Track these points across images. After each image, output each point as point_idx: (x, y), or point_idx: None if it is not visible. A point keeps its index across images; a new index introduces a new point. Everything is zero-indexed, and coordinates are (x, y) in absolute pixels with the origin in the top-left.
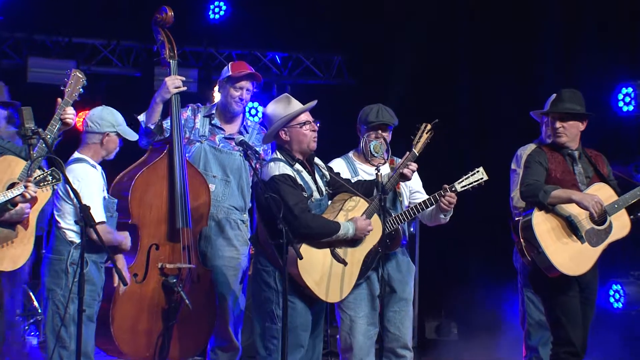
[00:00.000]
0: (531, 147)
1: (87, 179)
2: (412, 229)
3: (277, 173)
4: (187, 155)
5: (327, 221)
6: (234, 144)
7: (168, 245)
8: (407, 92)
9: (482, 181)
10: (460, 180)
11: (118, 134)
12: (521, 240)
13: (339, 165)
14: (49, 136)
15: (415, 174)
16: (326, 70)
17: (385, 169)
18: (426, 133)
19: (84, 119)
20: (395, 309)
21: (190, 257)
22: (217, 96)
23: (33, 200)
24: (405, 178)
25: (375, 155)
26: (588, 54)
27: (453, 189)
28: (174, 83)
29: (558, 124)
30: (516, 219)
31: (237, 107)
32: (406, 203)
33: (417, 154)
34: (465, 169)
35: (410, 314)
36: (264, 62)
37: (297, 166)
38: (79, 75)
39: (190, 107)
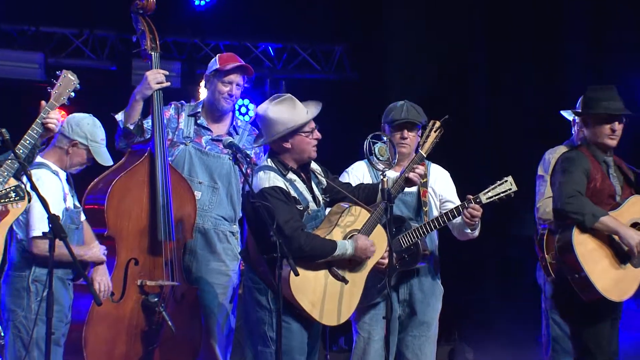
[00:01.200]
0: (560, 150)
1: (42, 187)
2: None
3: (266, 185)
4: (169, 158)
5: (321, 241)
6: (222, 146)
7: (148, 259)
8: (418, 88)
9: (510, 192)
10: (486, 190)
11: (88, 150)
12: (560, 260)
13: (360, 169)
14: (27, 141)
15: (448, 179)
16: (325, 63)
17: (392, 174)
18: (434, 132)
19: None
20: (415, 334)
21: (173, 273)
22: (203, 93)
23: None
24: (411, 183)
25: (380, 159)
26: (614, 50)
27: (478, 201)
28: (156, 78)
29: (617, 126)
30: (540, 232)
31: (225, 104)
32: (435, 213)
33: (425, 156)
34: (480, 175)
35: (432, 340)
36: (255, 54)
37: (291, 175)
38: (71, 77)
39: (173, 105)
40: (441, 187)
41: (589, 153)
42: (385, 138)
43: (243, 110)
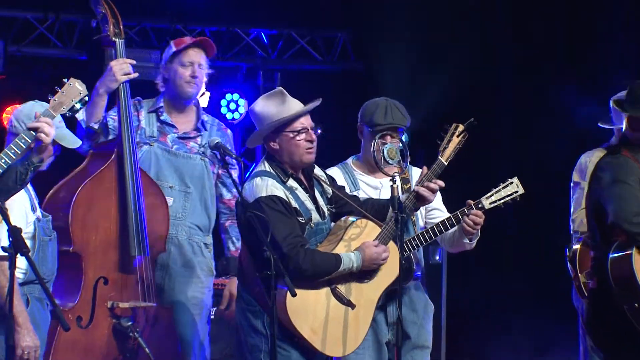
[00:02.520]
0: (598, 154)
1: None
2: (437, 257)
3: (263, 194)
4: None
5: (323, 257)
6: (191, 144)
7: (119, 278)
8: (434, 82)
9: (517, 196)
10: (489, 194)
11: (53, 140)
12: (614, 286)
13: (334, 175)
14: (12, 151)
15: None
16: (326, 51)
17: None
18: (457, 136)
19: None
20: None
21: (147, 292)
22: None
23: None
24: (423, 200)
25: (390, 162)
26: None
27: (480, 206)
28: (123, 68)
29: None
30: (574, 247)
31: (190, 88)
32: (421, 224)
33: (446, 164)
34: (499, 179)
35: None
36: (246, 42)
37: (291, 182)
38: (78, 87)
39: (131, 103)
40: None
41: (633, 158)
42: (395, 138)
43: (232, 106)
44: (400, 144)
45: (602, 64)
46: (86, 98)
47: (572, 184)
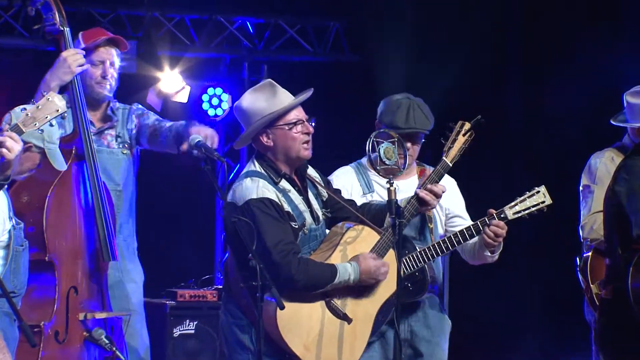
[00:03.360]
0: (608, 154)
1: None
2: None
3: (254, 196)
4: None
5: (318, 267)
6: (108, 138)
7: (86, 287)
8: (437, 75)
9: (544, 206)
10: (513, 203)
11: (44, 154)
12: (634, 301)
13: (346, 176)
14: None
15: (456, 190)
16: (318, 42)
17: (409, 185)
18: (463, 135)
19: None
20: None
21: (104, 301)
22: (165, 80)
23: None
24: (425, 205)
25: (387, 162)
26: None
27: (502, 216)
28: (77, 59)
29: None
30: (585, 254)
31: (101, 89)
32: (440, 232)
33: (450, 165)
34: (515, 183)
35: None
36: (230, 32)
37: (284, 184)
38: (57, 102)
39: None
40: (448, 199)
41: None
42: (393, 136)
43: (215, 101)
44: (399, 143)
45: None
46: (65, 115)
47: (580, 188)
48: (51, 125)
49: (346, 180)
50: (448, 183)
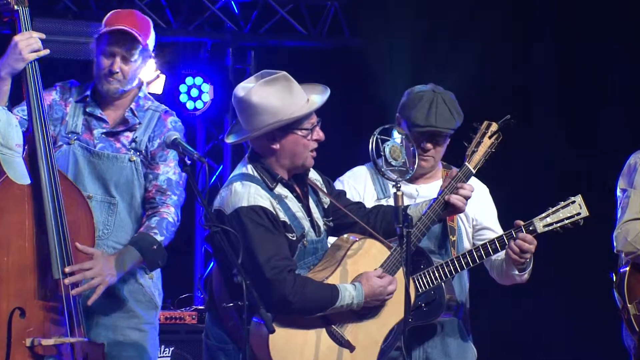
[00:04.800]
0: None
1: None
2: None
3: (244, 204)
4: None
5: (317, 288)
6: (122, 142)
7: (38, 308)
8: (451, 63)
9: (579, 219)
10: (545, 214)
11: None
12: None
13: (360, 178)
14: None
15: (487, 198)
16: (313, 24)
17: (432, 190)
18: (489, 137)
19: None
20: None
21: (72, 325)
22: (146, 71)
23: None
24: (453, 210)
25: (392, 164)
26: None
27: (531, 228)
28: (30, 45)
29: None
30: (622, 270)
31: (109, 85)
32: (467, 246)
33: (474, 172)
34: (547, 192)
35: None
36: (211, 12)
37: (280, 189)
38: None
39: (58, 88)
40: (476, 207)
41: None
42: (400, 134)
43: (194, 92)
44: (408, 141)
45: None
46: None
47: (617, 192)
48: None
49: (359, 183)
50: (478, 189)
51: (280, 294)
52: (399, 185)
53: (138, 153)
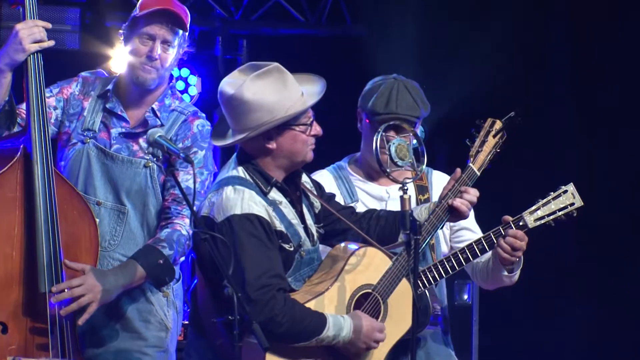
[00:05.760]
0: None
1: None
2: (465, 296)
3: (237, 212)
4: (61, 163)
5: (305, 313)
6: (139, 144)
7: (23, 325)
8: (459, 52)
9: (572, 209)
10: (534, 207)
11: None
12: None
13: (323, 183)
14: None
15: None
16: (311, 10)
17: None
18: (494, 136)
19: None
20: None
21: (64, 344)
22: (118, 60)
23: None
24: (458, 215)
25: (400, 164)
26: None
27: (521, 224)
28: (33, 34)
29: None
30: None
31: (145, 73)
32: (444, 249)
33: (478, 174)
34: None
35: None
36: None
37: (274, 194)
38: None
39: (80, 79)
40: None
41: None
42: (407, 131)
43: (180, 85)
44: (415, 140)
45: None
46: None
47: None
48: None
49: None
50: None
51: (268, 314)
52: (405, 187)
53: (156, 159)
